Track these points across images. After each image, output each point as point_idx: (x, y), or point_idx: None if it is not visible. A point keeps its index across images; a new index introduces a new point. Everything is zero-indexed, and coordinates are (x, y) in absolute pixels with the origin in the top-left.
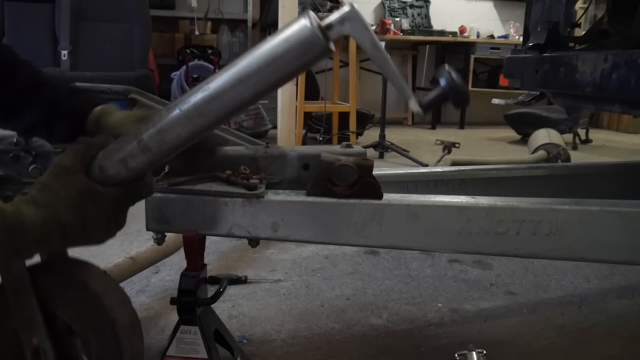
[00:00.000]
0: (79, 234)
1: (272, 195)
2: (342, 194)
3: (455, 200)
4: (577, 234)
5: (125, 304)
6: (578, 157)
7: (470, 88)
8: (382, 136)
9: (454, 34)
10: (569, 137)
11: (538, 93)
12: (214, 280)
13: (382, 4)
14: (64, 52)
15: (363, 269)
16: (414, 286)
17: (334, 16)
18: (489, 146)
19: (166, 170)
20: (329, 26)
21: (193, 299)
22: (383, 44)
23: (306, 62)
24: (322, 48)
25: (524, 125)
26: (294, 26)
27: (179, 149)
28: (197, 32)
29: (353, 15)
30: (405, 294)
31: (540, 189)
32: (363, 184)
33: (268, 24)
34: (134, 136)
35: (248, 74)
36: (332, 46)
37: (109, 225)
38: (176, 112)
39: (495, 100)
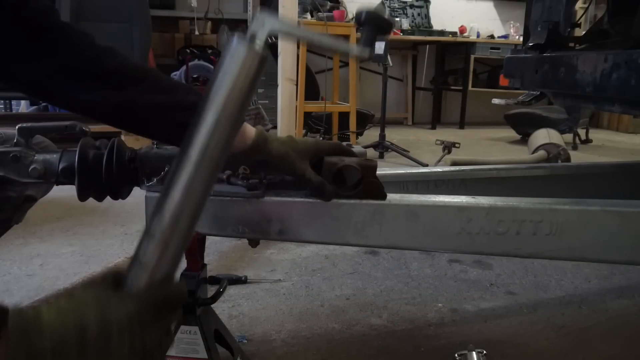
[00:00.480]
0: (101, 344)
1: (272, 195)
2: (346, 194)
3: (455, 200)
4: (577, 234)
5: None
6: (578, 157)
7: (470, 88)
8: (382, 136)
9: (454, 34)
10: (569, 137)
11: (538, 93)
12: (214, 280)
13: (382, 3)
14: None
15: (363, 269)
16: (414, 286)
17: (252, 27)
18: (489, 146)
19: (166, 170)
20: (253, 36)
21: (193, 299)
22: (383, 44)
23: (254, 78)
24: (261, 57)
25: (524, 125)
26: (229, 55)
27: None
28: (197, 32)
29: (266, 16)
30: (405, 294)
31: (540, 189)
32: (367, 184)
33: None
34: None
35: (215, 123)
36: (266, 52)
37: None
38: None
39: (495, 100)
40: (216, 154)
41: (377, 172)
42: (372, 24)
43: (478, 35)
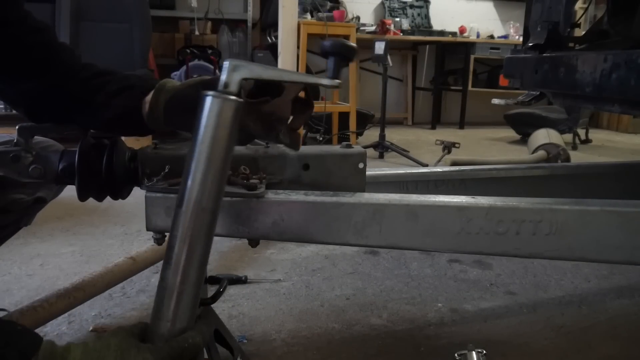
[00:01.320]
0: None
1: (272, 195)
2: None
3: (455, 200)
4: (577, 234)
5: None
6: (578, 157)
7: (470, 88)
8: (382, 136)
9: (454, 34)
10: (569, 137)
11: (538, 93)
12: (214, 280)
13: (382, 4)
14: None
15: (363, 269)
16: (414, 286)
17: (222, 76)
18: (489, 146)
19: (166, 170)
20: (227, 84)
21: None
22: (383, 44)
23: (233, 126)
24: (237, 104)
25: (524, 125)
26: (206, 111)
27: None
28: (197, 32)
29: (235, 63)
30: (405, 294)
31: (540, 189)
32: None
33: (268, 24)
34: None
35: (204, 176)
36: (240, 99)
37: None
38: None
39: (495, 100)
40: (210, 204)
41: (377, 172)
42: (337, 55)
43: (478, 36)
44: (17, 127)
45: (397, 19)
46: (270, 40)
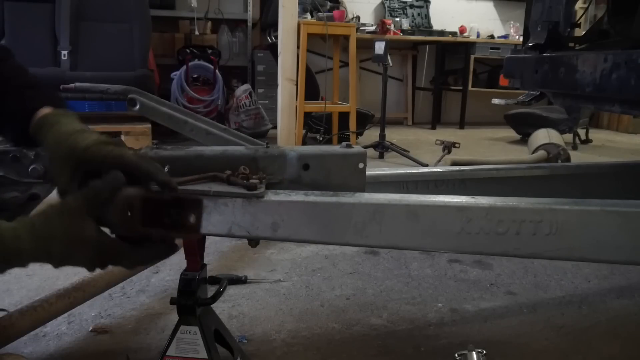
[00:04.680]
0: (63, 263)
1: (272, 195)
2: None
3: (455, 200)
4: (577, 234)
5: None
6: (578, 157)
7: (470, 88)
8: (382, 136)
9: (454, 34)
10: (569, 137)
11: (538, 93)
12: (214, 280)
13: (382, 4)
14: (64, 52)
15: (363, 269)
16: (414, 286)
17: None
18: (489, 146)
19: (166, 170)
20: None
21: (193, 299)
22: (383, 44)
23: None
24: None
25: (524, 125)
26: None
27: None
28: (197, 32)
29: None
30: (405, 294)
31: (540, 189)
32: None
33: (268, 24)
34: None
35: None
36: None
37: (93, 265)
38: None
39: (495, 100)
40: None
41: (377, 172)
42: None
43: (478, 35)
44: None
45: (397, 19)
46: (270, 40)
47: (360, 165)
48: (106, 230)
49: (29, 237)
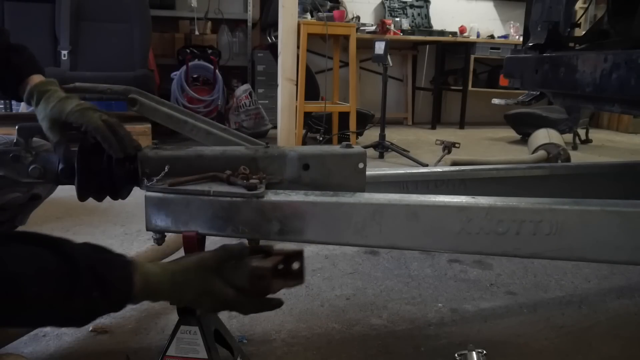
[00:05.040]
0: (191, 306)
1: (272, 195)
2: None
3: (455, 200)
4: (577, 234)
5: None
6: (578, 157)
7: (470, 88)
8: (382, 136)
9: (454, 34)
10: (569, 137)
11: (538, 93)
12: None
13: (382, 4)
14: (64, 52)
15: (363, 269)
16: (414, 286)
17: None
18: (489, 146)
19: (166, 170)
20: None
21: None
22: (383, 43)
23: None
24: None
25: (524, 125)
26: None
27: None
28: (197, 32)
29: None
30: (405, 294)
31: (540, 189)
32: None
33: (268, 24)
34: None
35: None
36: None
37: (215, 312)
38: None
39: (495, 100)
40: None
41: (377, 172)
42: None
43: (478, 35)
44: (16, 127)
45: (397, 19)
46: (270, 40)
47: (360, 165)
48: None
49: (168, 283)
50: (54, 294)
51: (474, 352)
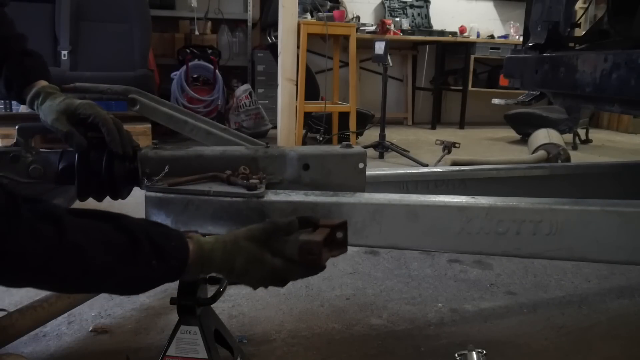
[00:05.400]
0: (240, 279)
1: (272, 195)
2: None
3: (455, 200)
4: (577, 234)
5: None
6: (578, 157)
7: (470, 88)
8: (382, 136)
9: (454, 34)
10: (569, 137)
11: (538, 93)
12: (214, 280)
13: (382, 4)
14: (64, 52)
15: (363, 269)
16: (414, 286)
17: None
18: (489, 146)
19: (166, 170)
20: None
21: (193, 299)
22: (383, 44)
23: None
24: None
25: (524, 125)
26: None
27: None
28: (197, 32)
29: None
30: (405, 294)
31: (540, 189)
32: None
33: (268, 24)
34: None
35: None
36: None
37: (260, 283)
38: None
39: (495, 100)
40: None
41: (377, 172)
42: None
43: (478, 35)
44: (17, 127)
45: (397, 19)
46: (270, 40)
47: (360, 165)
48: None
49: (221, 251)
50: (116, 262)
51: (474, 352)
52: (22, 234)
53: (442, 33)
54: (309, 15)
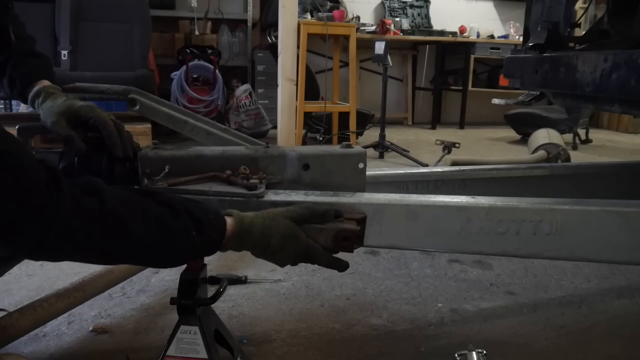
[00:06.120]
0: (273, 255)
1: (272, 195)
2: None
3: (455, 200)
4: (577, 234)
5: None
6: (578, 157)
7: (470, 88)
8: (382, 136)
9: (454, 34)
10: (569, 137)
11: (538, 93)
12: (214, 280)
13: (382, 4)
14: (64, 52)
15: (363, 269)
16: (414, 286)
17: None
18: (489, 146)
19: (166, 170)
20: None
21: (193, 299)
22: (383, 44)
23: None
24: None
25: (524, 125)
26: None
27: None
28: (197, 32)
29: None
30: (405, 294)
31: (540, 189)
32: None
33: (268, 24)
34: None
35: None
36: None
37: (294, 261)
38: None
39: (495, 100)
40: None
41: (377, 172)
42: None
43: (478, 35)
44: (17, 127)
45: (397, 19)
46: (270, 40)
47: (360, 165)
48: None
49: (260, 226)
50: (156, 232)
51: (474, 352)
52: (67, 206)
53: (442, 33)
54: (309, 15)
